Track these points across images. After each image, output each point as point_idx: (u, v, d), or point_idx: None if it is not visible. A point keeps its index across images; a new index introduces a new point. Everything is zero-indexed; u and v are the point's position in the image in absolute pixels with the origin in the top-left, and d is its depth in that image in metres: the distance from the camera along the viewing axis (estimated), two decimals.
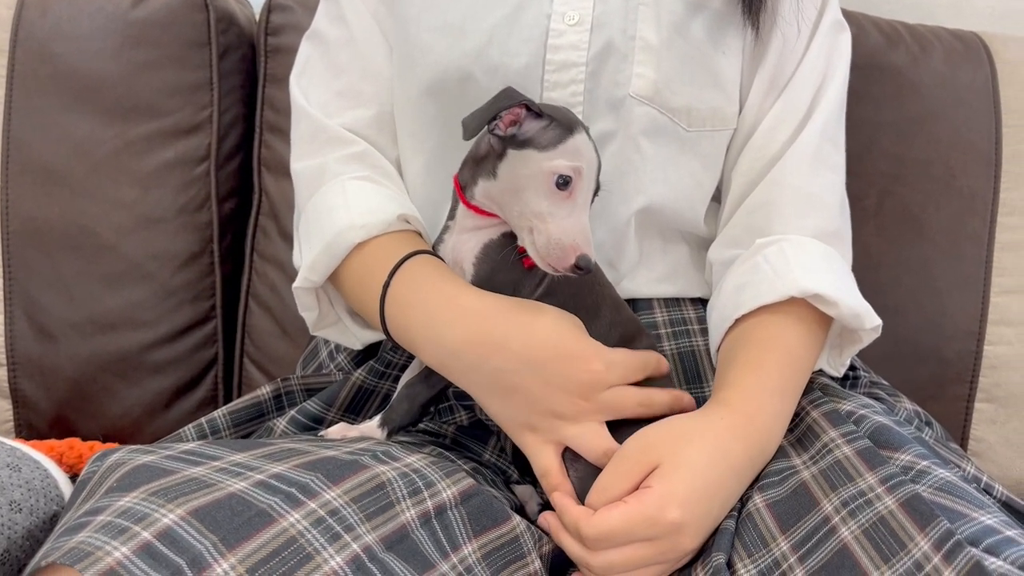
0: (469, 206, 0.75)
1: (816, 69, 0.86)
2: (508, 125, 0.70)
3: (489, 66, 0.81)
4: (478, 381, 0.72)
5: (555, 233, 0.67)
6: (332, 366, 0.96)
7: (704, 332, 0.87)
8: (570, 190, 0.67)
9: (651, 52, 0.81)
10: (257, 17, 1.23)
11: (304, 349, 1.05)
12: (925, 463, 0.67)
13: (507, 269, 0.74)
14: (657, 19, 0.82)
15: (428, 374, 0.76)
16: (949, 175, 1.20)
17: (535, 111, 0.70)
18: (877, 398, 0.89)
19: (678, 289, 0.89)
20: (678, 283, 0.89)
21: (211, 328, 1.18)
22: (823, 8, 0.88)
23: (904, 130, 1.21)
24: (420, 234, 0.83)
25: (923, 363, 1.17)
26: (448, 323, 0.72)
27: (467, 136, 0.70)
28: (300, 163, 0.89)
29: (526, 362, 0.70)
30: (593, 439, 0.70)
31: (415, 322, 0.74)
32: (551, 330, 0.70)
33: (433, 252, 0.78)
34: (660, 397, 0.73)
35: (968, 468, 0.78)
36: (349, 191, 0.84)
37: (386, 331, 0.77)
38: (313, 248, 0.82)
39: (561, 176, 0.67)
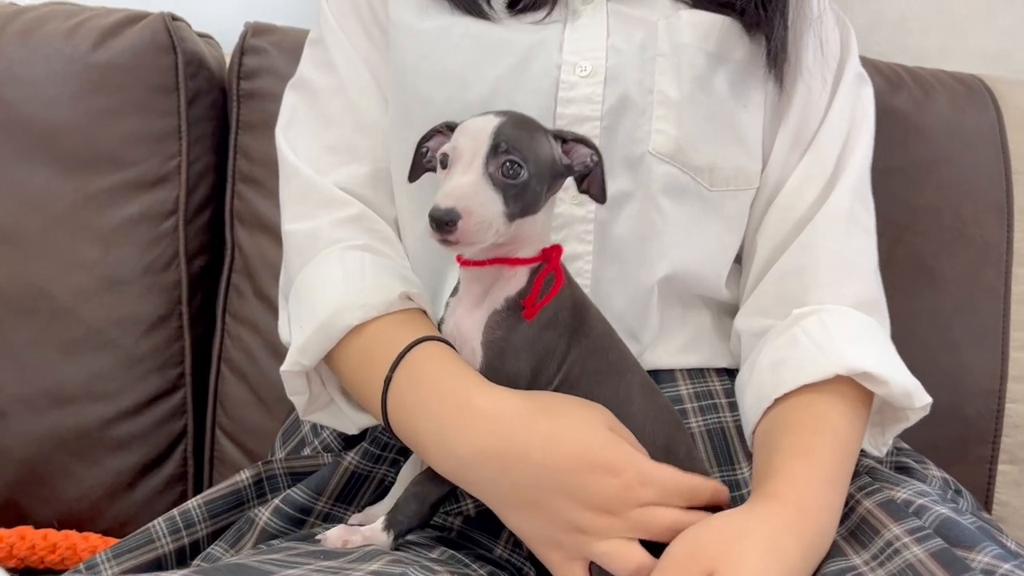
0: (463, 262, 0.68)
1: (841, 124, 0.82)
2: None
3: None
4: (495, 494, 0.64)
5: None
6: (316, 442, 0.87)
7: (732, 406, 0.81)
8: (449, 165, 0.63)
9: (671, 107, 0.76)
10: (228, 60, 1.16)
11: (283, 420, 0.95)
12: (1007, 566, 0.60)
13: (519, 352, 0.66)
14: (677, 72, 0.77)
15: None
16: (960, 223, 1.16)
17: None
18: (905, 467, 0.84)
19: (702, 359, 0.83)
20: (702, 352, 0.83)
21: (180, 398, 1.08)
22: (843, 61, 0.84)
23: (912, 176, 1.16)
24: (425, 312, 0.75)
25: (943, 423, 1.08)
26: (460, 431, 0.64)
27: (410, 178, 0.70)
28: (292, 225, 0.81)
29: (549, 475, 0.62)
30: (623, 557, 0.62)
31: (423, 426, 0.66)
32: (577, 436, 0.62)
33: (440, 337, 0.70)
34: (695, 516, 0.65)
35: (1009, 544, 0.72)
36: (347, 263, 0.76)
37: (390, 429, 0.69)
38: (305, 328, 0.74)
39: (442, 157, 0.64)
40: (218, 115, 1.14)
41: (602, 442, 0.63)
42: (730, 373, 0.83)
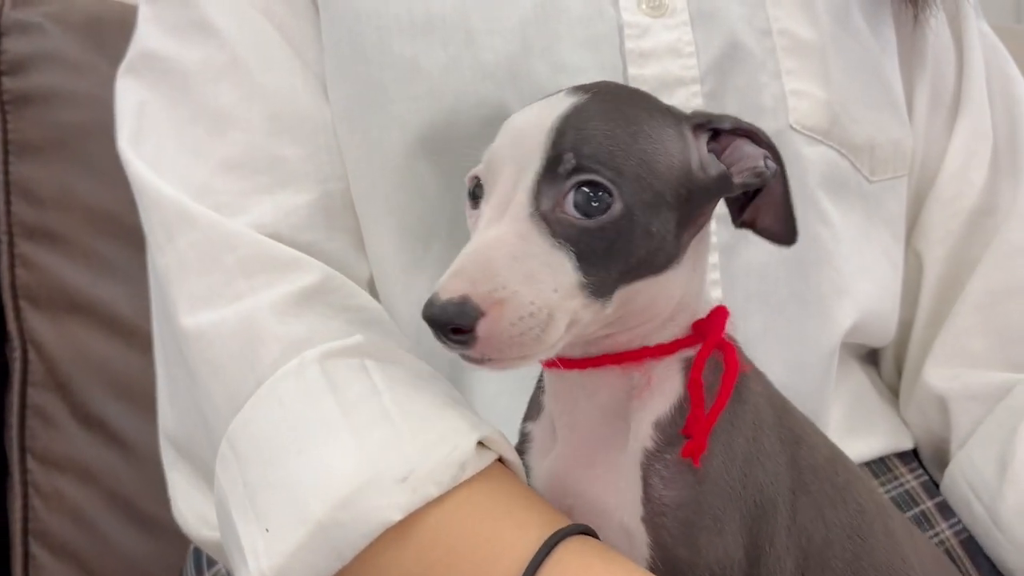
0: (563, 364, 0.38)
1: (981, 73, 0.62)
2: None
3: (532, 92, 0.45)
4: None
5: None
6: None
7: (944, 510, 0.55)
8: (482, 200, 0.38)
9: (809, 55, 0.52)
10: None
11: None
12: None
13: (721, 523, 0.37)
14: (808, 2, 0.52)
15: None
16: None
17: None
18: None
19: (883, 443, 0.57)
20: (877, 433, 0.57)
21: None
22: None
23: None
24: (503, 460, 0.40)
25: None
26: None
27: None
28: (194, 316, 0.43)
29: None
30: None
31: None
32: None
33: (585, 527, 0.37)
34: None
35: None
36: (345, 390, 0.40)
37: None
38: (277, 531, 0.38)
39: (472, 185, 0.39)
40: None
41: None
42: (915, 456, 0.58)
